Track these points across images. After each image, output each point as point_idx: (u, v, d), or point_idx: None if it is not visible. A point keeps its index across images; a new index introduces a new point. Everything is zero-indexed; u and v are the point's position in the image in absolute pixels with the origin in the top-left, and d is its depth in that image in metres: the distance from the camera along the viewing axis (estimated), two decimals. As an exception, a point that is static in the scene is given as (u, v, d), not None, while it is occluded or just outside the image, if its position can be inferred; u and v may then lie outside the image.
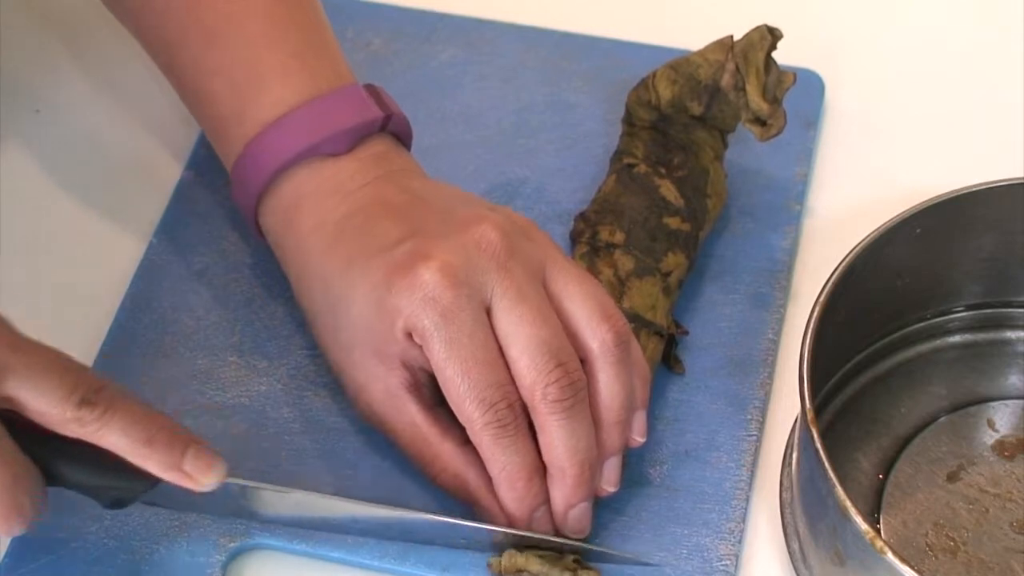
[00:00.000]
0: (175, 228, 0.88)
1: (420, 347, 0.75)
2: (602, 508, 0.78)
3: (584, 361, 0.76)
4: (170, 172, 0.90)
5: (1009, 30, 0.96)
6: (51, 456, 0.71)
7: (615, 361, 0.76)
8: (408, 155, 0.82)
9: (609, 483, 0.76)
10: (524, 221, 0.79)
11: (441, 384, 0.75)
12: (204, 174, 0.90)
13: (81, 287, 0.84)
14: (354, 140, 0.80)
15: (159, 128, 0.93)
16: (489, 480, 0.76)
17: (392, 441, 0.78)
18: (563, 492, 0.75)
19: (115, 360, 0.83)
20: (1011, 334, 0.84)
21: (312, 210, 0.79)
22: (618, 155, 0.86)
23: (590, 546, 0.76)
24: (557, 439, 0.74)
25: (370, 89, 0.81)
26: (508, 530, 0.76)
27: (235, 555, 0.77)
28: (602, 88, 0.92)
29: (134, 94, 0.95)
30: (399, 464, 0.79)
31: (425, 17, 0.96)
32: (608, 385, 0.76)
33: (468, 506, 0.77)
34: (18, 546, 0.77)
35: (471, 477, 0.76)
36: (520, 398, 0.74)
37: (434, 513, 0.77)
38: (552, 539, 0.76)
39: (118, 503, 0.73)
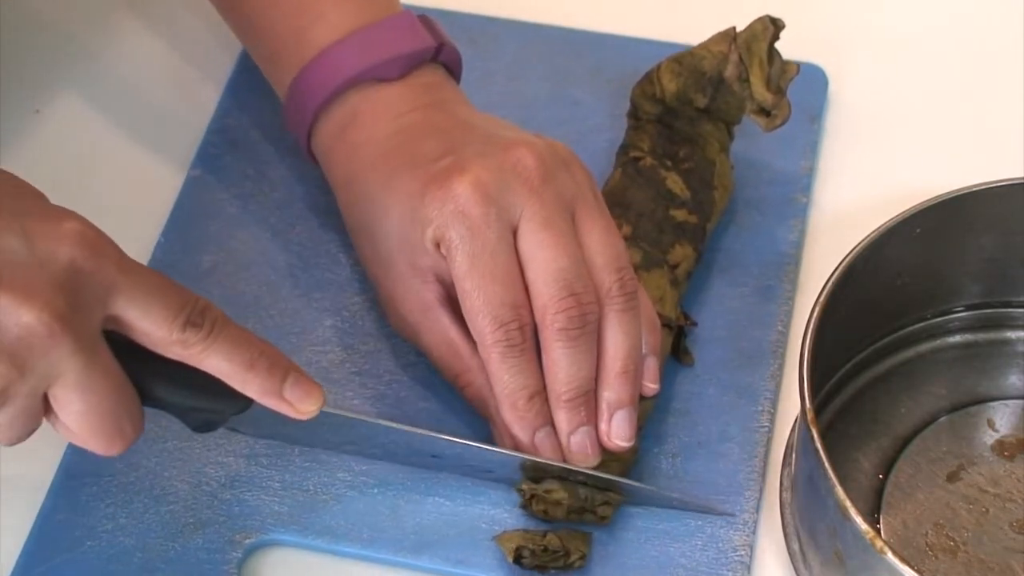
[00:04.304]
0: (182, 227, 0.88)
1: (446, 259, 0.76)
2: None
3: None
4: (176, 171, 0.90)
5: (1011, 29, 0.96)
6: (148, 376, 0.70)
7: (619, 310, 0.77)
8: (457, 87, 0.84)
9: (620, 437, 0.77)
10: (567, 152, 0.80)
11: (459, 297, 0.76)
12: (211, 172, 0.90)
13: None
14: (407, 66, 0.82)
15: (162, 128, 0.93)
16: None
17: (425, 353, 0.80)
18: (560, 416, 0.76)
19: (126, 359, 0.83)
20: (1011, 334, 0.84)
21: (363, 127, 0.81)
22: (624, 149, 0.86)
23: (598, 474, 0.77)
24: (558, 364, 0.76)
25: (423, 19, 0.84)
26: (516, 454, 0.77)
27: (251, 551, 0.77)
28: (606, 84, 0.93)
29: (135, 94, 0.94)
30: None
31: (429, 15, 0.95)
32: (611, 334, 0.77)
33: (487, 422, 0.79)
34: (34, 544, 0.77)
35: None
36: (533, 322, 0.76)
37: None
38: (555, 463, 0.77)
39: (207, 426, 0.73)
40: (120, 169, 0.92)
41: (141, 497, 0.78)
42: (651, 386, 0.79)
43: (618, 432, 0.77)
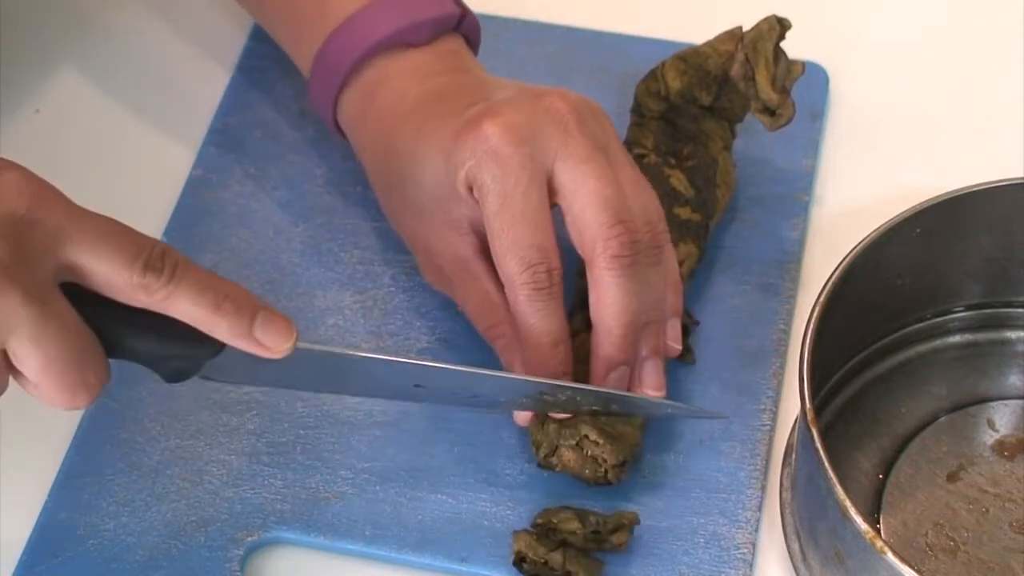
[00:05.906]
0: (184, 226, 0.88)
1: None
2: (620, 499, 0.78)
3: None
4: (178, 170, 0.90)
5: (1011, 30, 0.96)
6: (114, 327, 0.68)
7: (646, 264, 0.76)
8: (476, 60, 0.85)
9: (651, 386, 0.77)
10: (597, 106, 0.80)
11: (489, 238, 0.76)
12: (213, 171, 0.90)
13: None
14: (433, 32, 0.82)
15: (163, 127, 0.93)
16: None
17: (460, 305, 0.80)
18: (605, 351, 0.76)
19: (128, 357, 0.83)
20: (1011, 334, 0.84)
21: (392, 90, 0.81)
22: (627, 146, 0.86)
23: (620, 392, 0.77)
24: (609, 296, 0.75)
25: None
26: (495, 372, 0.76)
27: (253, 549, 0.77)
28: (608, 82, 0.93)
29: (136, 94, 0.95)
30: (412, 457, 0.80)
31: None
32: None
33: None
34: (36, 543, 0.77)
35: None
36: (560, 267, 0.76)
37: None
38: (578, 385, 0.76)
39: (180, 374, 0.71)
40: (121, 169, 0.92)
41: (143, 496, 0.78)
42: (675, 346, 0.79)
43: (649, 380, 0.77)
